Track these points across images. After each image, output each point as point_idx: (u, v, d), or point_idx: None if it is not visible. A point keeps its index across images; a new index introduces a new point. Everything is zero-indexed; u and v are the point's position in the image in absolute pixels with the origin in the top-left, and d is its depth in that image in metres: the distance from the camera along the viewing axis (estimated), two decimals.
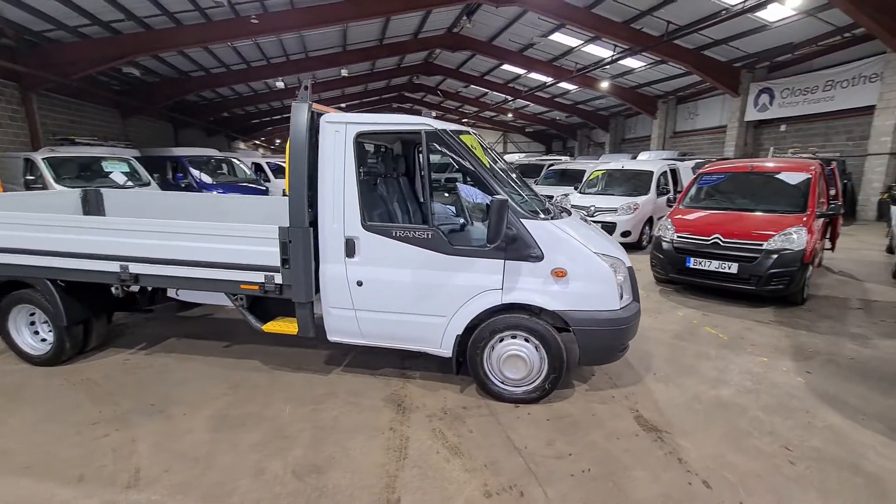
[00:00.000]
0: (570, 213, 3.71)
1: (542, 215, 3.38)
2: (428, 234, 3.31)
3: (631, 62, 19.88)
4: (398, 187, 4.48)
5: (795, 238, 5.48)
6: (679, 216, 6.47)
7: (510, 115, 31.46)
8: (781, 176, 6.57)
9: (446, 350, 3.50)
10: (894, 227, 8.53)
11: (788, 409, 3.41)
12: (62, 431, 3.14)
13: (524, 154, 29.97)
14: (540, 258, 3.23)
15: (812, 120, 16.86)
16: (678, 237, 6.07)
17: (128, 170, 9.95)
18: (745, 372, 4.00)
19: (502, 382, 3.48)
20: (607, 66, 20.07)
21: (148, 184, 9.72)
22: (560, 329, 3.38)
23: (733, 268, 5.62)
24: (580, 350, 3.34)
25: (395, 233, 3.37)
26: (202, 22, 14.04)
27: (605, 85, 21.67)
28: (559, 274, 3.21)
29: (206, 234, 3.50)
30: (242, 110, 27.74)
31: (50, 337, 4.17)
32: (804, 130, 17.34)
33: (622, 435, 3.09)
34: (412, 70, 26.52)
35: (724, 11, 14.40)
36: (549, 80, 23.63)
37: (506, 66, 23.81)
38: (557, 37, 19.16)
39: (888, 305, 5.78)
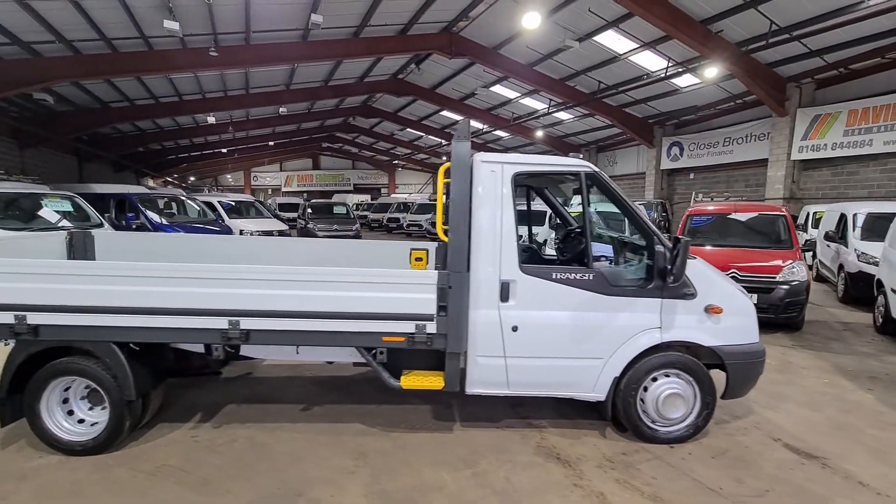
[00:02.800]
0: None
1: None
2: (589, 276, 3.27)
3: (562, 115, 21.80)
4: None
5: (797, 271, 6.27)
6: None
7: (444, 158, 32.42)
8: (762, 216, 7.54)
9: (600, 393, 3.40)
10: (821, 258, 10.11)
11: (891, 425, 3.80)
12: None
13: None
14: (694, 296, 3.34)
15: (716, 170, 19.65)
16: None
17: (69, 209, 8.52)
18: (823, 393, 4.40)
19: (653, 423, 3.45)
20: (541, 118, 21.83)
21: (100, 225, 8.36)
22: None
23: (754, 298, 6.21)
24: (729, 384, 3.46)
25: (555, 275, 3.28)
26: (143, 50, 12.89)
27: (539, 133, 23.43)
28: (715, 311, 3.33)
29: (349, 281, 3.10)
30: (160, 145, 25.42)
31: (92, 416, 3.33)
32: (710, 178, 20.11)
33: (790, 465, 3.21)
34: (350, 111, 26.49)
35: (645, 76, 16.59)
36: (485, 127, 24.98)
37: (444, 112, 24.77)
38: (498, 88, 20.50)
39: (861, 326, 6.77)
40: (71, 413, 3.32)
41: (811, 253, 10.05)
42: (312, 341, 3.24)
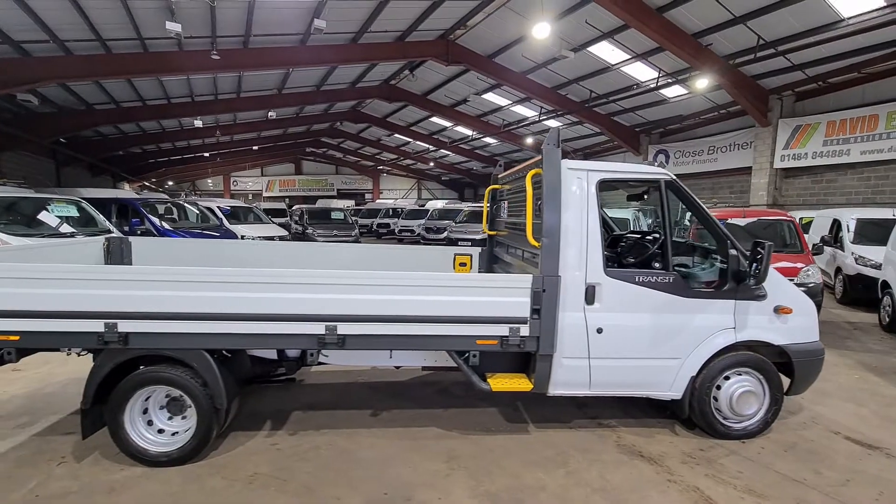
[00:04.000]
0: None
1: None
2: (669, 279, 3.41)
3: (551, 122, 22.22)
4: None
5: (812, 274, 6.61)
6: None
7: (431, 163, 32.49)
8: (771, 221, 7.90)
9: (676, 392, 3.53)
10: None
11: None
12: None
13: (447, 200, 30.75)
14: (764, 297, 3.51)
15: (701, 177, 20.39)
16: None
17: (75, 213, 8.21)
18: (860, 389, 4.66)
19: (725, 419, 3.59)
20: (531, 125, 22.23)
21: (108, 231, 8.07)
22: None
23: None
24: (795, 381, 3.64)
25: (638, 278, 3.40)
26: (139, 52, 12.56)
27: (529, 140, 23.82)
28: (785, 311, 3.52)
29: (447, 285, 3.14)
30: (140, 148, 24.64)
31: (173, 426, 3.26)
32: (695, 185, 20.81)
33: (858, 456, 3.40)
34: (339, 116, 26.30)
35: (635, 86, 17.16)
36: (474, 133, 25.20)
37: (434, 119, 24.87)
38: (490, 96, 20.76)
39: (868, 326, 7.17)
40: (150, 423, 3.24)
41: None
42: (407, 345, 3.26)
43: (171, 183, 36.29)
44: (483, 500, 2.85)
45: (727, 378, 3.56)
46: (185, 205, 11.57)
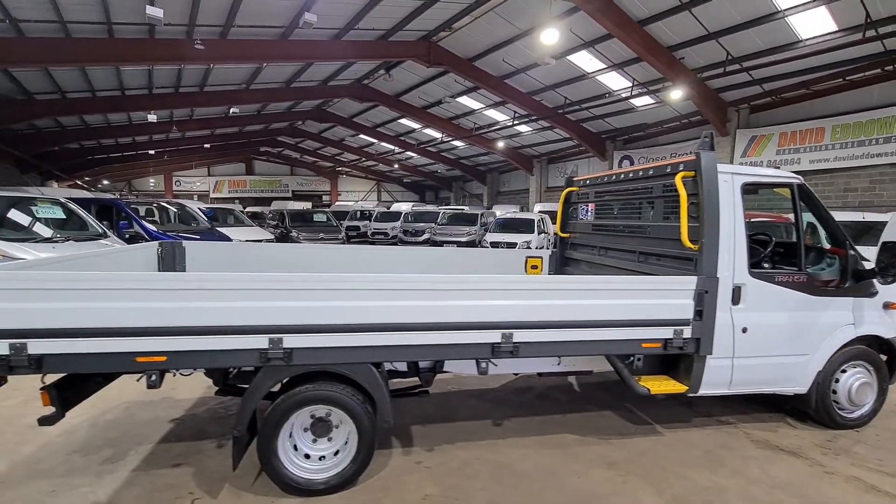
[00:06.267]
0: None
1: None
2: (803, 278, 3.56)
3: (523, 127, 22.71)
4: None
5: None
6: None
7: (396, 165, 32.03)
8: (774, 223, 8.52)
9: (803, 387, 3.68)
10: None
11: None
12: None
13: (413, 203, 30.39)
14: (875, 294, 3.76)
15: None
16: None
17: (61, 215, 7.25)
18: None
19: (842, 410, 3.80)
20: (502, 129, 22.60)
21: (104, 235, 7.18)
22: None
23: None
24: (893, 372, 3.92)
25: (777, 278, 3.52)
26: (104, 37, 11.38)
27: (501, 144, 24.18)
28: (895, 306, 3.78)
29: (617, 289, 3.07)
30: (78, 144, 22.32)
31: (318, 450, 2.92)
32: None
33: None
34: (302, 115, 25.28)
35: (608, 94, 17.94)
36: (443, 136, 25.18)
37: (403, 120, 24.59)
38: (464, 99, 20.83)
39: None
40: (296, 448, 2.89)
41: None
42: (574, 351, 3.15)
43: (105, 182, 33.16)
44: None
45: (843, 371, 3.77)
46: (168, 206, 10.58)
